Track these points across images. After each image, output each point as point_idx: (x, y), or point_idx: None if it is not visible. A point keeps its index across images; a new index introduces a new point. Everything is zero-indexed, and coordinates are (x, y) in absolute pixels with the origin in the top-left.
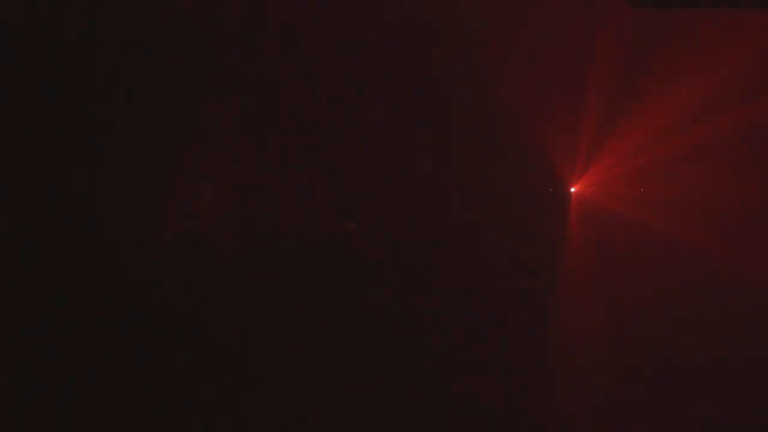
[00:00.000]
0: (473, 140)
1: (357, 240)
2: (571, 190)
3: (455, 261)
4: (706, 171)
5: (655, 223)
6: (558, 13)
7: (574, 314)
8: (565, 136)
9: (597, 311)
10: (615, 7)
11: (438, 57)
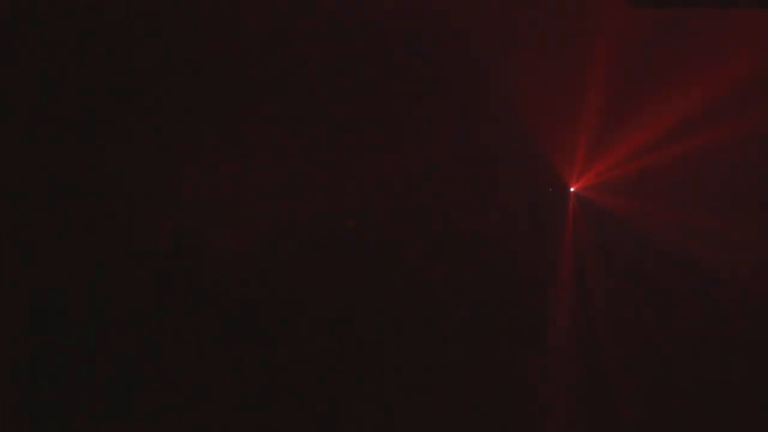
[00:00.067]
0: (473, 140)
1: (356, 239)
2: (571, 190)
3: (455, 261)
4: (706, 171)
5: (655, 224)
6: (558, 13)
7: (574, 314)
8: (565, 136)
9: (597, 311)
10: (615, 7)
11: (438, 57)
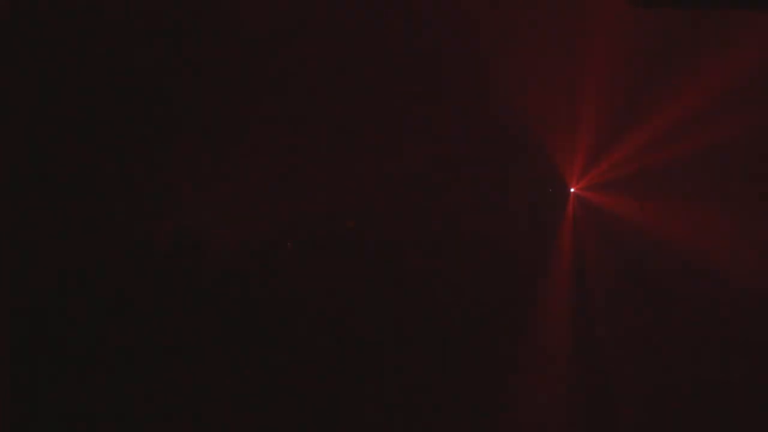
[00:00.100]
0: (473, 140)
1: (356, 239)
2: (571, 190)
3: (455, 261)
4: (707, 171)
5: (655, 224)
6: (558, 13)
7: (574, 314)
8: (565, 136)
9: (597, 311)
10: (615, 7)
11: (438, 57)
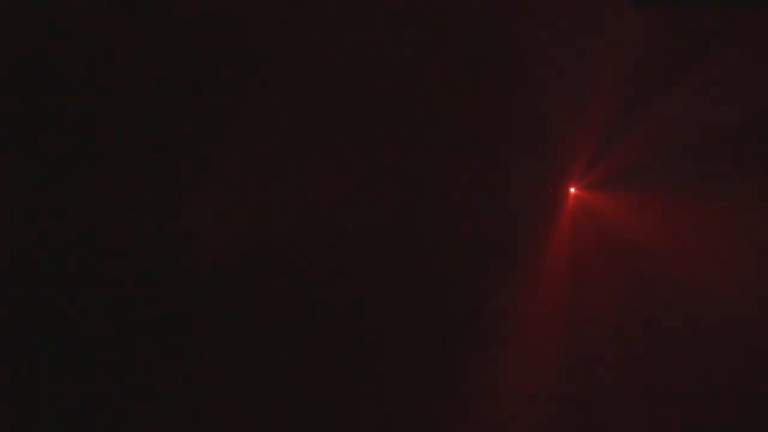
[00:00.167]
0: (473, 140)
1: (356, 239)
2: (571, 190)
3: (455, 261)
4: (707, 171)
5: (654, 224)
6: (558, 13)
7: (573, 314)
8: (566, 137)
9: (597, 311)
10: (615, 7)
11: (438, 57)
